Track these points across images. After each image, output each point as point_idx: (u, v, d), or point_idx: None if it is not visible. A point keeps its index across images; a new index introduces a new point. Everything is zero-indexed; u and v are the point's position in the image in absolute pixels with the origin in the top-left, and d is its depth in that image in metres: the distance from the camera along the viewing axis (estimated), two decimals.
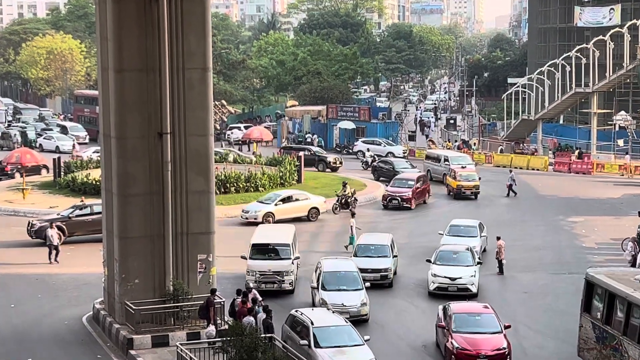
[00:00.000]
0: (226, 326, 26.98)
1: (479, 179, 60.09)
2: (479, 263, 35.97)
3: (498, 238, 40.72)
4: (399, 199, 55.04)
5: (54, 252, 40.77)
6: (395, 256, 38.41)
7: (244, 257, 35.81)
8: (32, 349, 30.08)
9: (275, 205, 50.23)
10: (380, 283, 36.09)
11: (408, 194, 55.17)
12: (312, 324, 26.53)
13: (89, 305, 33.73)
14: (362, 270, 34.80)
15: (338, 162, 73.14)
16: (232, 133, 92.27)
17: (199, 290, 30.42)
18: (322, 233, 49.07)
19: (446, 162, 64.50)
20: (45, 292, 36.83)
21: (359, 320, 31.04)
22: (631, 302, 24.27)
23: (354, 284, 32.78)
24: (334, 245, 45.41)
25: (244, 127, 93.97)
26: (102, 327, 31.76)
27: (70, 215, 45.91)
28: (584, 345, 26.89)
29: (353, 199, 52.73)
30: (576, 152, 78.52)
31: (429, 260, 36.23)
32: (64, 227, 44.89)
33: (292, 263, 35.88)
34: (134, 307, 29.56)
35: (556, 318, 33.84)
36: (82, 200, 49.20)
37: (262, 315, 28.20)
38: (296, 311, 28.21)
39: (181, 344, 27.10)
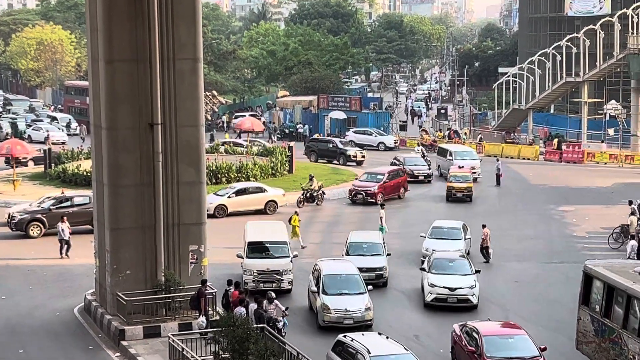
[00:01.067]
0: (217, 317, 27.01)
1: (475, 180, 58.86)
2: (477, 272, 33.50)
3: (484, 226, 40.86)
4: (364, 193, 53.49)
5: (65, 246, 40.57)
6: (389, 254, 37.07)
7: (240, 256, 34.66)
8: (23, 341, 30.14)
9: (229, 197, 49.52)
10: (374, 282, 34.20)
11: (373, 188, 53.44)
12: (368, 352, 23.64)
13: (81, 297, 33.77)
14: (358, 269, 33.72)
15: (360, 156, 70.02)
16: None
17: (191, 281, 30.49)
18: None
19: (450, 157, 63.14)
20: (36, 284, 36.89)
21: (364, 326, 29.74)
22: (631, 294, 24.24)
23: (356, 288, 31.31)
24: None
25: (250, 115, 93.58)
26: (93, 318, 31.82)
27: (50, 207, 45.85)
28: (583, 338, 26.83)
29: (320, 192, 52.44)
30: (555, 141, 78.47)
31: (423, 269, 34.22)
32: (44, 218, 45.07)
33: (291, 261, 34.66)
34: (125, 298, 29.62)
35: (548, 307, 33.97)
36: (62, 192, 49.22)
37: (253, 306, 28.21)
38: (344, 337, 25.36)
39: (173, 335, 27.15)
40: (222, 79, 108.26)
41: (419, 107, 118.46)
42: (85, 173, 52.90)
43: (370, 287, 31.73)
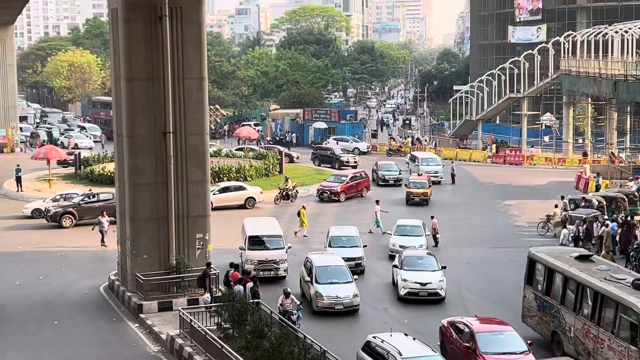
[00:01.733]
0: (220, 293, 26.97)
1: (438, 182, 58.60)
2: (443, 267, 32.06)
3: (432, 217, 41.56)
4: (329, 192, 52.87)
5: (103, 236, 40.36)
6: (365, 246, 36.30)
7: (242, 248, 34.10)
8: (57, 314, 30.13)
9: (214, 194, 48.11)
10: (354, 270, 32.91)
11: (337, 188, 52.91)
12: (400, 354, 21.86)
13: (105, 277, 33.75)
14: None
15: (352, 161, 68.19)
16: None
17: (197, 263, 30.52)
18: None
19: (417, 163, 61.87)
20: (68, 266, 36.83)
21: (351, 310, 29.70)
22: (567, 276, 24.50)
23: (344, 277, 30.52)
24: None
25: (254, 124, 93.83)
26: (116, 295, 31.80)
27: (80, 202, 46.00)
28: (527, 312, 26.93)
29: (294, 191, 52.09)
30: (493, 147, 78.60)
31: (395, 266, 32.52)
32: (75, 212, 45.11)
33: (286, 252, 34.08)
34: (143, 278, 29.62)
35: (494, 284, 34.00)
36: (90, 190, 49.33)
37: (250, 284, 28.15)
38: (374, 337, 23.53)
39: (183, 309, 27.08)
40: (224, 95, 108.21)
41: (387, 118, 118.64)
42: (109, 173, 52.74)
43: (356, 276, 31.16)
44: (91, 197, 46.58)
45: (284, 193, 51.52)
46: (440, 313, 28.94)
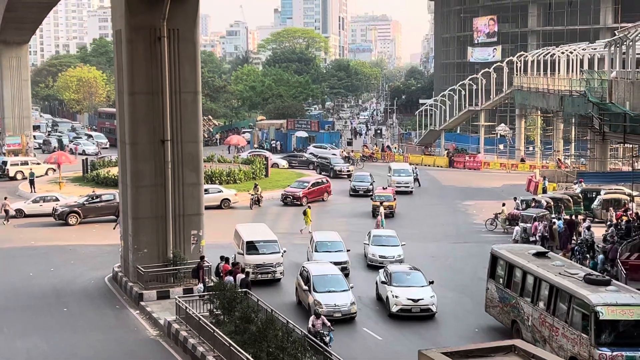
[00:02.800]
0: (212, 284, 26.94)
1: (410, 192, 55.47)
2: (431, 282, 28.60)
3: (377, 215, 42.45)
4: (291, 197, 51.02)
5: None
6: (348, 250, 34.05)
7: (240, 253, 32.13)
8: (66, 302, 30.05)
9: None
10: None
11: (299, 193, 51.23)
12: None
13: (109, 269, 33.61)
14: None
15: (345, 170, 65.41)
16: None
17: (192, 257, 30.49)
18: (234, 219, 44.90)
19: (389, 174, 58.51)
20: (76, 259, 36.67)
21: (349, 318, 27.13)
22: (526, 271, 24.55)
23: (341, 286, 28.03)
24: None
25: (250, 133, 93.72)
26: (119, 285, 31.70)
27: (84, 202, 45.81)
28: (490, 303, 26.92)
29: (260, 197, 50.65)
30: (445, 153, 78.84)
31: (384, 282, 28.77)
32: (80, 211, 44.92)
33: (282, 256, 32.28)
34: (143, 270, 29.58)
35: (455, 275, 34.16)
36: (93, 191, 49.09)
37: (240, 276, 28.11)
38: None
39: (179, 297, 27.12)
40: (216, 107, 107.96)
41: (360, 128, 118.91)
42: (113, 177, 52.59)
43: (352, 285, 28.72)
44: (94, 198, 46.31)
45: (255, 199, 50.18)
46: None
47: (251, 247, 32.36)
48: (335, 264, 31.29)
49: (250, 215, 46.97)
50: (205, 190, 49.29)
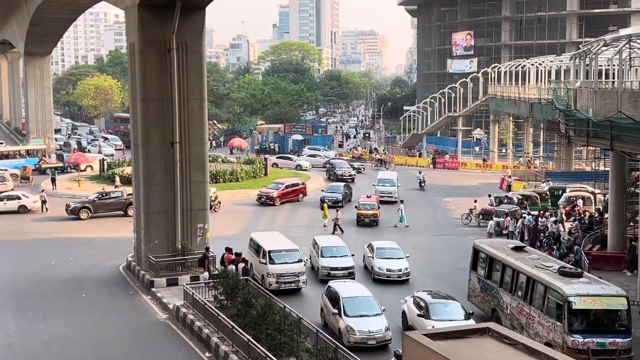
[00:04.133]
0: (216, 272, 26.95)
1: (394, 202, 48.37)
2: (470, 314, 23.49)
3: (337, 210, 42.04)
4: (265, 197, 48.59)
5: None
6: (353, 255, 31.48)
7: (262, 263, 28.86)
8: (84, 288, 30.04)
9: None
10: (347, 277, 29.35)
11: (273, 194, 48.99)
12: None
13: (123, 259, 33.62)
14: (333, 269, 29.87)
15: (347, 174, 60.79)
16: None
17: (198, 247, 30.55)
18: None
19: (374, 184, 52.97)
20: (94, 250, 36.68)
21: (383, 346, 22.93)
22: (505, 264, 24.49)
23: (373, 309, 23.72)
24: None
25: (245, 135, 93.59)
26: (132, 273, 31.68)
27: (95, 199, 45.58)
28: (472, 293, 26.86)
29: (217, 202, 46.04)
30: (431, 155, 78.55)
31: (420, 315, 23.21)
32: (91, 206, 44.69)
33: (304, 265, 29.29)
34: (154, 259, 29.58)
35: (436, 265, 34.20)
36: (103, 189, 49.01)
37: (241, 265, 28.10)
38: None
39: (186, 284, 27.15)
40: (220, 112, 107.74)
41: (350, 132, 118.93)
42: (127, 175, 52.39)
43: (384, 307, 24.14)
44: (104, 195, 46.09)
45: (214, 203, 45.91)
46: None
47: (274, 257, 28.93)
48: (342, 269, 29.96)
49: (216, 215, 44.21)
50: None
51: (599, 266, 30.98)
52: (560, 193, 46.33)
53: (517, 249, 25.68)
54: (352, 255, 31.29)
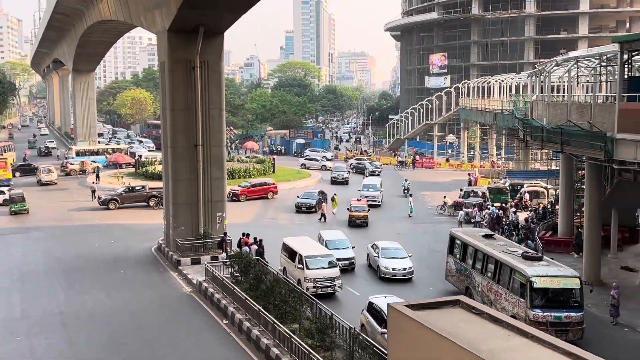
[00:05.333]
0: (233, 253, 26.95)
1: (378, 206, 44.86)
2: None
3: (325, 200, 41.37)
4: (231, 193, 45.83)
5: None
6: (353, 247, 29.92)
7: (300, 268, 25.32)
8: (123, 266, 30.07)
9: None
10: (348, 268, 28.54)
11: (238, 191, 46.87)
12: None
13: (155, 242, 33.64)
14: (337, 259, 26.67)
15: (377, 171, 60.19)
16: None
17: (217, 232, 30.57)
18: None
19: (359, 189, 47.89)
20: (131, 234, 36.70)
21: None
22: (476, 249, 24.40)
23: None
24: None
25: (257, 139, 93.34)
26: (162, 253, 31.64)
27: (122, 192, 45.20)
28: (449, 273, 26.69)
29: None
30: (412, 157, 77.87)
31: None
32: (118, 199, 44.24)
33: (339, 270, 25.86)
34: (180, 242, 29.58)
35: (416, 248, 33.93)
36: (129, 184, 48.84)
37: (255, 247, 28.08)
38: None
39: (207, 263, 27.13)
40: (236, 120, 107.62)
41: (344, 137, 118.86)
42: (158, 172, 52.40)
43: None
44: (129, 189, 45.58)
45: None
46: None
47: (311, 262, 25.30)
48: (344, 259, 28.35)
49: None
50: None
51: (550, 249, 31.00)
52: (518, 188, 46.30)
53: (487, 236, 25.55)
54: (353, 247, 29.89)
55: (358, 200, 42.04)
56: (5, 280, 27.84)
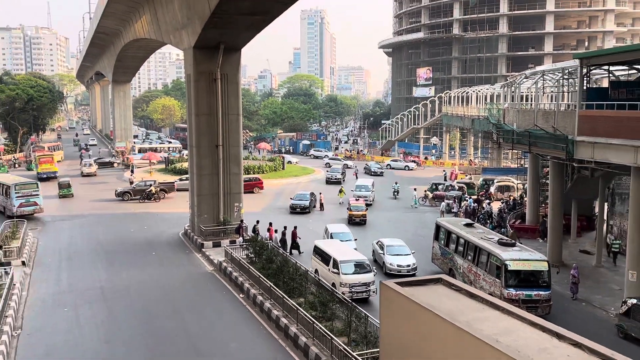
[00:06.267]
0: (248, 237, 26.97)
1: (370, 205, 40.79)
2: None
3: (319, 193, 40.31)
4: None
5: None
6: (355, 239, 28.18)
7: (335, 272, 22.22)
8: (154, 248, 30.06)
9: (180, 181, 46.16)
10: None
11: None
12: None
13: (182, 227, 33.65)
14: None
15: (334, 178, 53.22)
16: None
17: (235, 220, 30.55)
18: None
19: (352, 189, 44.23)
20: (161, 222, 36.64)
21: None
22: (459, 236, 24.23)
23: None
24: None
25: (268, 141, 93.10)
26: (188, 238, 31.65)
27: (134, 186, 44.61)
28: (435, 257, 26.42)
29: (155, 193, 43.11)
30: (401, 156, 78.20)
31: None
32: (130, 192, 43.76)
33: (374, 275, 22.46)
34: (204, 228, 29.59)
35: (404, 233, 33.76)
36: (142, 179, 48.08)
37: (278, 236, 27.85)
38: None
39: (226, 246, 27.11)
40: (251, 124, 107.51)
41: (343, 138, 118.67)
42: (185, 168, 52.42)
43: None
44: (140, 183, 44.87)
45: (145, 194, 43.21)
46: None
47: (347, 267, 22.28)
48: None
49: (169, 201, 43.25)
50: (186, 177, 46.38)
51: (519, 235, 30.94)
52: (491, 183, 46.23)
53: (467, 225, 25.40)
54: (355, 239, 28.16)
55: (356, 199, 39.12)
56: (55, 259, 27.94)
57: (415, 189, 44.46)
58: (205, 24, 26.56)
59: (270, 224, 29.65)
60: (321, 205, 40.10)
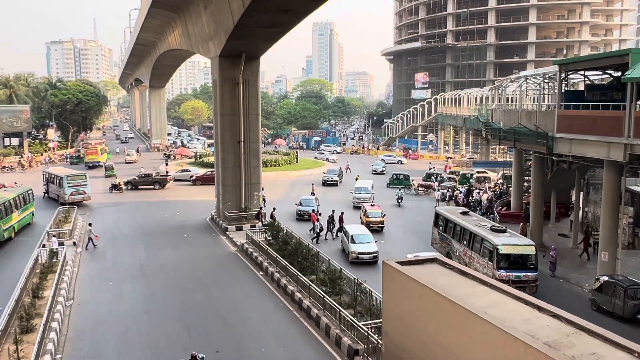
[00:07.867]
0: (266, 222, 27.02)
1: (385, 214, 31.13)
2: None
3: (341, 212, 32.81)
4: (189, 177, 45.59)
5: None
6: (376, 241, 25.59)
7: (351, 243, 23.23)
8: (186, 231, 30.17)
9: (178, 172, 46.52)
10: (372, 261, 23.94)
11: (194, 177, 45.67)
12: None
13: (209, 213, 33.75)
14: (360, 253, 23.79)
15: (330, 180, 46.16)
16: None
17: (255, 207, 30.57)
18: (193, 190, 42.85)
19: (351, 191, 39.02)
20: (191, 208, 36.69)
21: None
22: (455, 223, 23.81)
23: (369, 239, 24.25)
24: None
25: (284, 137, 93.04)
26: (214, 222, 31.78)
27: (137, 177, 44.02)
28: (434, 241, 25.84)
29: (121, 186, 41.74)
30: (402, 151, 77.87)
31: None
32: (133, 182, 43.05)
33: (376, 245, 23.38)
34: (228, 214, 29.67)
35: (404, 219, 33.74)
36: (143, 169, 48.88)
37: (318, 223, 27.79)
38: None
39: (248, 230, 27.16)
40: (268, 123, 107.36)
41: (349, 135, 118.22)
42: (211, 161, 52.51)
43: (375, 239, 24.42)
44: (144, 175, 44.40)
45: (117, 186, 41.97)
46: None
47: (355, 239, 24.16)
48: (367, 253, 23.85)
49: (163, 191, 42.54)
50: (187, 170, 47.26)
51: (505, 220, 30.75)
52: (469, 175, 45.70)
53: (463, 213, 25.01)
54: (375, 241, 25.20)
55: (372, 205, 31.72)
56: (101, 240, 28.24)
57: (414, 180, 43.86)
58: (229, 36, 26.52)
59: (314, 210, 29.29)
60: (340, 220, 28.77)
